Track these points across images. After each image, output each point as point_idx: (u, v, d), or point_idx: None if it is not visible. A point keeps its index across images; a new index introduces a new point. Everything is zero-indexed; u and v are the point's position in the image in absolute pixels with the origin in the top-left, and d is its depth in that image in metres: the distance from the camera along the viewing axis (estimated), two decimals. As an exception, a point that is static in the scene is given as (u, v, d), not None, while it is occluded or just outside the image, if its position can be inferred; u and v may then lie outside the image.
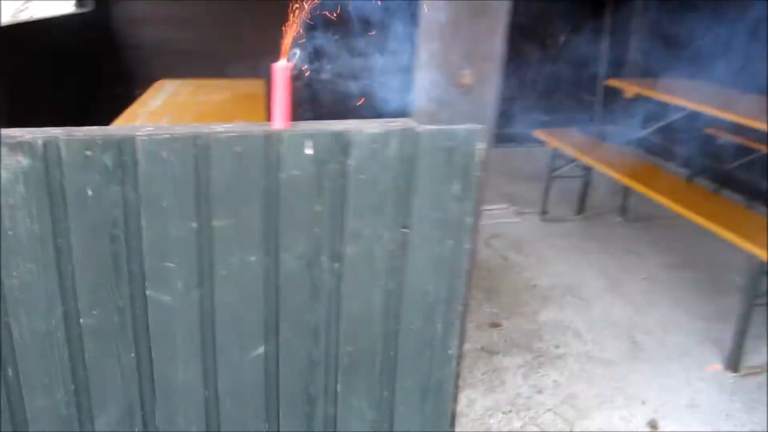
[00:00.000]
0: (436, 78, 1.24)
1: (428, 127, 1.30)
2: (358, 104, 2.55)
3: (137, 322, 1.34)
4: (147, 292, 1.32)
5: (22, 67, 3.80)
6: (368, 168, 1.29)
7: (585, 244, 4.56)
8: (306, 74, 5.58)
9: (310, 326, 1.42)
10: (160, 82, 4.13)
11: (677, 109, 4.30)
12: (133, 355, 1.36)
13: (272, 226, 1.31)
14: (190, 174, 1.24)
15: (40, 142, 1.17)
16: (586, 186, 4.94)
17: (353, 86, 5.32)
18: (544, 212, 4.96)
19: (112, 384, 1.37)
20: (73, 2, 5.39)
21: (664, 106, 4.46)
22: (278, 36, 1.32)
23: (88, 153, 1.19)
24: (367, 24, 4.28)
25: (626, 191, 4.73)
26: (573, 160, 4.68)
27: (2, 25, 3.44)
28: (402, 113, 1.33)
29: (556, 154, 4.82)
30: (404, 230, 1.37)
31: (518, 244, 4.51)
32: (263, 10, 5.52)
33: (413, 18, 1.89)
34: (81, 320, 1.31)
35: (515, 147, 6.22)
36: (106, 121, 2.69)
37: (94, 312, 1.31)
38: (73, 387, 1.36)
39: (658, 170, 4.43)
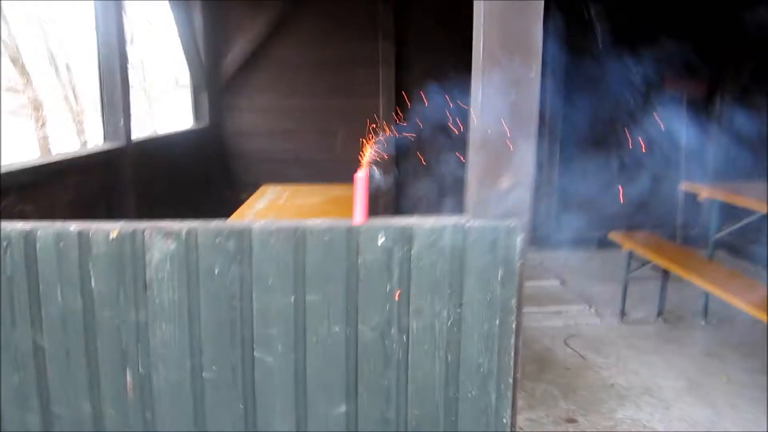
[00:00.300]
0: (484, 180, 1.55)
1: (475, 222, 1.63)
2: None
3: (246, 378, 1.69)
4: (255, 353, 1.67)
5: (149, 174, 4.44)
6: (427, 256, 1.62)
7: (664, 345, 4.57)
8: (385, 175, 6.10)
9: (383, 390, 1.72)
10: (263, 187, 4.68)
11: (753, 211, 4.37)
12: (241, 405, 1.70)
13: (353, 302, 1.65)
14: (290, 258, 1.61)
15: (184, 230, 1.59)
16: (665, 288, 5.00)
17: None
18: (623, 313, 5.03)
19: (225, 429, 1.71)
20: (192, 119, 6.20)
21: (742, 208, 4.54)
22: (365, 147, 1.71)
23: (218, 240, 1.59)
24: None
25: (706, 293, 4.75)
26: (650, 262, 4.79)
27: (134, 140, 4.09)
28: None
29: (632, 256, 4.95)
30: (458, 309, 1.67)
31: (596, 344, 4.58)
32: (354, 124, 6.24)
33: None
34: (203, 374, 1.67)
35: (596, 249, 6.37)
36: (219, 219, 3.18)
37: (213, 368, 1.67)
38: (194, 431, 1.70)
39: (739, 275, 4.44)
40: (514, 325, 1.69)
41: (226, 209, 4.13)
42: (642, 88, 6.58)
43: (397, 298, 1.63)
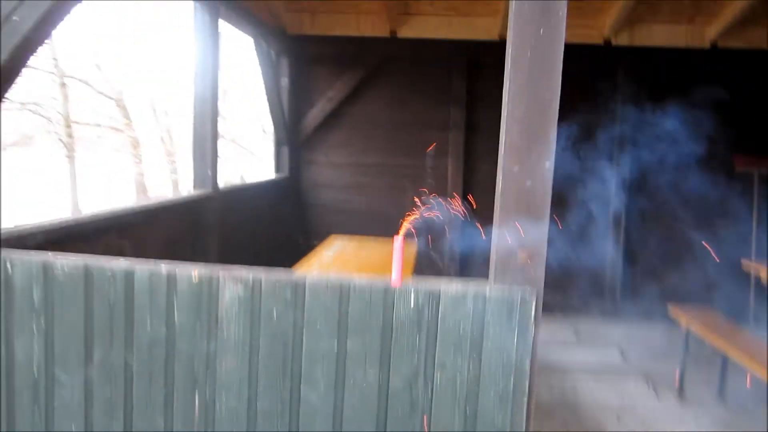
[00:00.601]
0: (504, 253, 1.81)
1: (495, 287, 1.90)
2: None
3: (292, 410, 1.99)
4: (301, 389, 1.97)
5: (231, 218, 4.88)
6: (451, 316, 1.90)
7: (722, 427, 4.50)
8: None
9: (414, 426, 1.98)
10: (332, 237, 5.06)
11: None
12: (279, 434, 2.00)
13: (386, 352, 1.94)
14: (335, 308, 1.92)
15: (251, 278, 1.93)
16: (725, 368, 4.89)
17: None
18: (680, 392, 4.96)
19: (270, 451, 2.01)
20: (273, 170, 6.71)
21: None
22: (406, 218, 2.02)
23: (277, 289, 1.93)
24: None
25: (772, 382, 4.65)
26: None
27: (220, 188, 4.56)
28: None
29: (690, 333, 4.94)
30: (478, 367, 1.93)
31: (650, 424, 4.51)
32: (419, 183, 6.62)
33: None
34: (258, 403, 1.99)
35: (663, 321, 6.40)
36: (289, 263, 3.56)
37: (266, 399, 1.98)
38: (245, 449, 2.02)
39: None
40: (527, 386, 1.93)
41: (298, 255, 4.52)
42: (712, 166, 6.69)
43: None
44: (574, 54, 6.36)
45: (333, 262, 4.16)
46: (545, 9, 1.83)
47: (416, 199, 5.21)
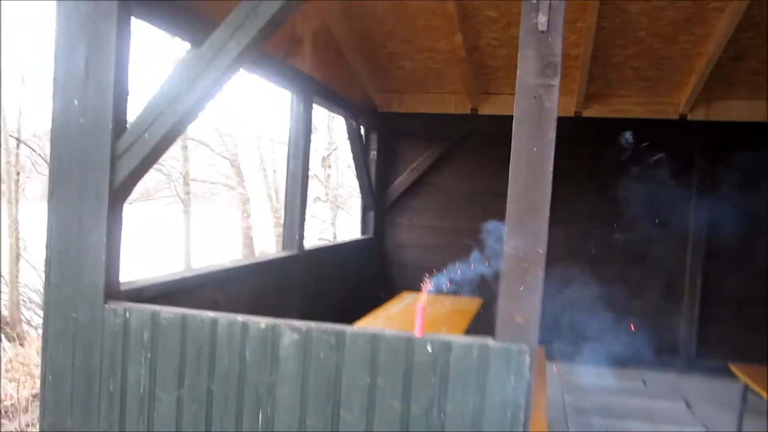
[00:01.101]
0: (504, 316, 2.26)
1: (496, 343, 2.36)
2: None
3: (333, 429, 2.51)
4: (340, 412, 2.49)
5: (315, 276, 5.53)
6: (461, 362, 2.38)
7: None
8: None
9: (437, 427, 2.43)
10: (404, 293, 5.59)
11: None
12: (328, 449, 2.52)
13: (407, 387, 2.43)
14: (369, 353, 2.44)
15: (304, 327, 2.50)
16: None
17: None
18: (737, 443, 5.11)
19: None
20: (360, 231, 7.38)
21: None
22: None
23: (324, 336, 2.48)
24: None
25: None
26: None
27: (306, 249, 5.23)
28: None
29: (748, 389, 5.07)
30: (482, 402, 2.38)
31: None
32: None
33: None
34: (307, 422, 2.52)
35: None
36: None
37: (313, 419, 2.52)
38: (296, 461, 2.55)
39: None
40: (522, 419, 2.37)
41: (375, 306, 5.11)
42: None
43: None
44: (649, 128, 6.82)
45: (397, 315, 4.68)
46: (538, 131, 2.32)
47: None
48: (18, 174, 14.47)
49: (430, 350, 2.42)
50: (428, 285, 2.61)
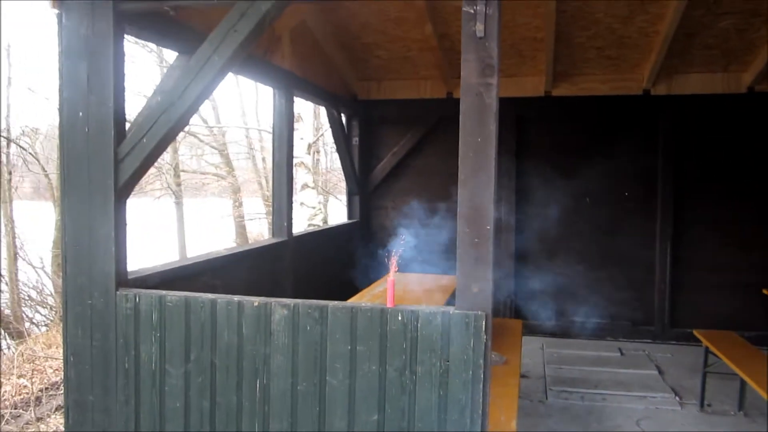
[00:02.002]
0: (463, 286, 2.64)
1: (456, 310, 2.75)
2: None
3: (321, 392, 2.89)
4: (327, 377, 2.88)
5: (305, 260, 5.90)
6: (427, 328, 2.76)
7: None
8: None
9: (400, 408, 2.83)
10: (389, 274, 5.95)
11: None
12: (317, 408, 2.91)
13: (383, 352, 2.82)
14: (348, 323, 2.83)
15: (292, 304, 2.87)
16: (744, 384, 5.40)
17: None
18: (702, 403, 5.52)
19: (307, 422, 2.92)
20: (346, 215, 7.75)
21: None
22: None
23: (310, 311, 2.86)
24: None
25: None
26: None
27: (294, 235, 5.59)
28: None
29: (709, 352, 5.50)
30: (447, 362, 2.77)
31: (665, 428, 5.16)
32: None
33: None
34: (298, 387, 2.91)
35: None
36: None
37: (303, 383, 2.90)
38: (290, 419, 2.93)
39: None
40: (482, 375, 2.75)
41: (362, 287, 5.49)
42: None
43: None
44: (615, 104, 7.25)
45: (381, 293, 5.06)
46: (481, 124, 2.67)
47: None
48: (10, 173, 14.70)
49: (400, 319, 2.80)
50: (395, 261, 2.98)
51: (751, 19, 5.89)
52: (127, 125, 3.27)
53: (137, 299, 3.10)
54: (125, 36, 3.22)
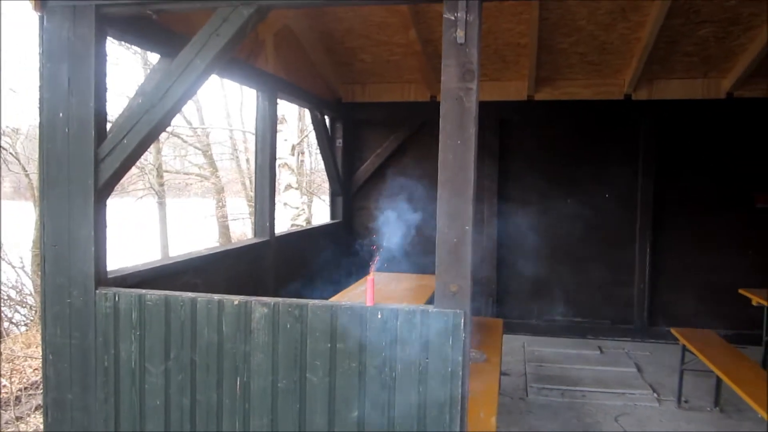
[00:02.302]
0: (442, 286, 2.68)
1: (435, 309, 2.79)
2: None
3: (302, 389, 2.92)
4: (307, 375, 2.91)
5: (287, 259, 5.92)
6: (406, 325, 2.80)
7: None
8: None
9: (380, 405, 2.86)
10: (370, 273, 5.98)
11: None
12: (297, 406, 2.94)
13: (363, 349, 2.85)
14: (328, 321, 2.86)
15: (272, 302, 2.90)
16: (720, 380, 5.47)
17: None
18: (679, 400, 5.61)
19: (287, 420, 2.95)
20: (329, 216, 7.79)
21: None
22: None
23: (290, 309, 2.89)
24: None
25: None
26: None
27: (276, 235, 5.61)
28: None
29: (686, 350, 5.59)
30: (426, 360, 2.81)
31: (644, 424, 5.23)
32: None
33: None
34: (279, 384, 2.93)
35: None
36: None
37: (284, 381, 2.93)
38: (271, 417, 2.96)
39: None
40: (460, 373, 2.80)
41: (345, 287, 5.52)
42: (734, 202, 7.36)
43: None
44: (597, 108, 7.35)
45: (364, 293, 5.08)
46: (460, 127, 2.72)
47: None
48: (-10, 174, 14.56)
49: (380, 317, 2.84)
50: (376, 260, 3.02)
51: (729, 28, 6.00)
52: (110, 125, 3.28)
53: (116, 298, 3.11)
54: (108, 38, 3.24)
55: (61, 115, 3.10)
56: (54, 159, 3.15)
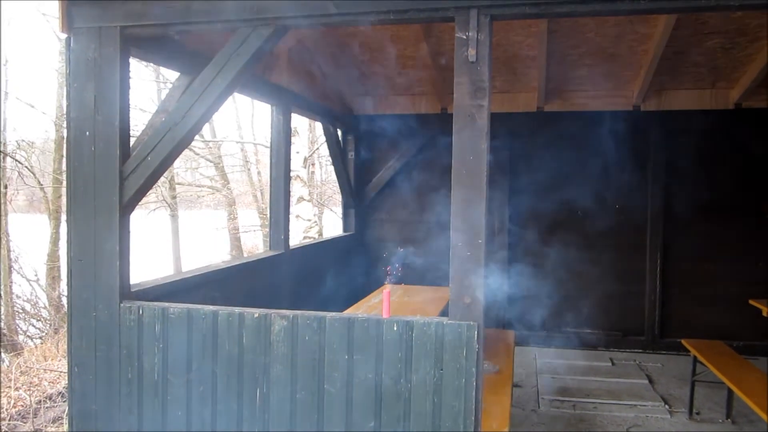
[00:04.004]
0: (456, 298, 2.76)
1: (450, 321, 2.86)
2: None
3: (320, 400, 3.00)
4: (325, 386, 2.98)
5: (301, 271, 6.01)
6: (422, 337, 2.87)
7: None
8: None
9: (396, 415, 2.94)
10: (384, 286, 6.08)
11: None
12: (316, 416, 3.01)
13: (379, 360, 2.93)
14: (345, 333, 2.94)
15: (291, 315, 2.98)
16: (731, 392, 5.53)
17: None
18: (691, 412, 5.64)
19: (307, 424, 3.02)
20: (342, 228, 7.87)
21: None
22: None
23: (308, 322, 2.97)
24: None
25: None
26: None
27: (291, 247, 5.71)
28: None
29: (697, 361, 5.63)
30: (441, 371, 2.88)
31: None
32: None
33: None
34: (297, 395, 3.01)
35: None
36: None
37: (302, 392, 3.01)
38: (289, 427, 3.03)
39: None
40: (474, 384, 2.87)
41: (358, 299, 5.60)
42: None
43: None
44: (606, 119, 7.39)
45: (378, 304, 5.17)
46: (473, 143, 2.81)
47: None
48: (6, 187, 14.77)
49: (395, 329, 2.91)
50: (390, 272, 3.10)
51: (737, 39, 6.06)
52: (132, 140, 3.39)
53: (140, 311, 3.21)
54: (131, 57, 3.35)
55: (87, 133, 3.21)
56: (81, 176, 3.26)
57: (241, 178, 20.30)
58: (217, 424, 3.13)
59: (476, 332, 2.85)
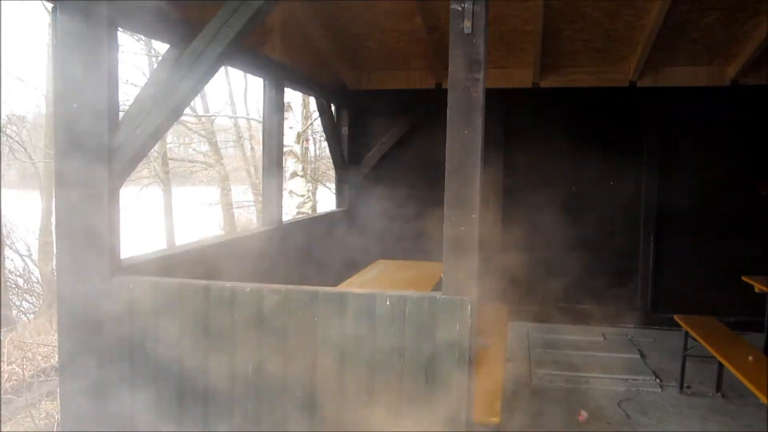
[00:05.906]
0: (451, 272, 2.77)
1: (443, 296, 2.85)
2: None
3: (313, 372, 2.99)
4: (317, 358, 2.98)
5: (294, 245, 5.99)
6: (417, 309, 2.87)
7: (712, 416, 5.15)
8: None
9: (393, 385, 2.93)
10: (377, 261, 6.06)
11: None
12: (309, 389, 3.01)
13: (374, 334, 2.92)
14: (339, 307, 2.93)
15: (284, 289, 2.97)
16: (722, 366, 5.55)
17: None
18: (682, 385, 5.69)
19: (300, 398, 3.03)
20: (335, 204, 7.84)
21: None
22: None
23: (301, 296, 2.95)
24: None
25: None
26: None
27: (284, 222, 5.68)
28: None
29: (688, 336, 5.66)
30: (434, 346, 2.87)
31: (646, 408, 5.31)
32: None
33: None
34: (291, 367, 3.00)
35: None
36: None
37: (295, 364, 3.00)
38: (282, 400, 3.03)
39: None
40: (467, 356, 2.86)
41: (351, 274, 5.59)
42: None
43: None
44: (602, 95, 7.34)
45: (370, 280, 5.16)
46: (468, 117, 2.77)
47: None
48: (-3, 162, 14.66)
49: (388, 304, 2.90)
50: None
51: (735, 15, 6.00)
52: (121, 114, 3.34)
53: (131, 285, 3.18)
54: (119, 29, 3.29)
55: (75, 105, 3.15)
56: (68, 149, 3.20)
57: (235, 154, 20.20)
58: (209, 398, 3.13)
59: (469, 307, 2.84)
